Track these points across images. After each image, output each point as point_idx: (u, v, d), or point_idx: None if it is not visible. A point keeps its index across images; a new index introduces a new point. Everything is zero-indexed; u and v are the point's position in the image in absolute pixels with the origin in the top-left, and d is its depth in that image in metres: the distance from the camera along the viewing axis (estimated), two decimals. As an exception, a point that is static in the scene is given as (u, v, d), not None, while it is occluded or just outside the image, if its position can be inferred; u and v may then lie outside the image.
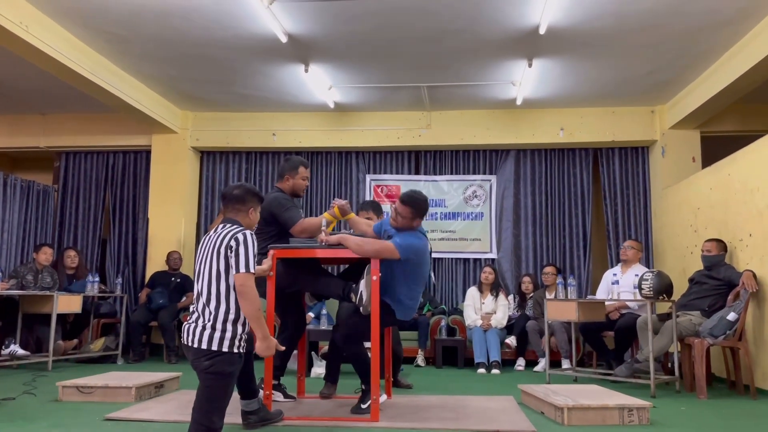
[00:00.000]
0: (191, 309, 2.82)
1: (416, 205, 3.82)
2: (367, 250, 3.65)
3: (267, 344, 2.73)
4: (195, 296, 2.81)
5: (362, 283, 3.69)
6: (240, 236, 2.76)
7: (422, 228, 3.99)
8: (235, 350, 2.69)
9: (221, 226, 2.90)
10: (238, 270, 2.70)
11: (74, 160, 8.50)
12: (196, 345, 2.68)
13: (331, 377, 4.29)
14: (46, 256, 6.65)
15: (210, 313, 2.70)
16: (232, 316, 2.70)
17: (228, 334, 2.67)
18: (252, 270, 2.71)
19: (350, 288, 3.81)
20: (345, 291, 3.83)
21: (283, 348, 3.49)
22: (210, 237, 2.85)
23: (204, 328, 2.68)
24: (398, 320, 3.93)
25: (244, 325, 2.72)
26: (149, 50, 6.06)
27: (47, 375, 5.48)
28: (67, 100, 7.50)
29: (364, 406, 3.74)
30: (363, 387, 3.85)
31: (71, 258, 7.03)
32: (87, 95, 6.58)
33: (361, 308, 3.74)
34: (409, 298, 3.88)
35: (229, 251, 2.74)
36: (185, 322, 2.77)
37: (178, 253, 7.50)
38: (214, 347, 2.66)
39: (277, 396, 3.93)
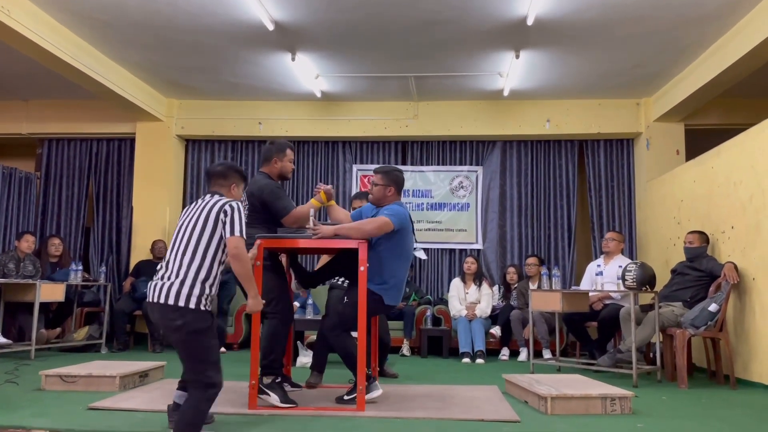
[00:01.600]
0: (159, 267, 2.92)
1: (389, 172, 3.99)
2: (368, 229, 3.67)
3: (256, 301, 2.98)
4: (169, 254, 2.89)
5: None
6: (234, 204, 2.94)
7: (401, 202, 4.04)
8: (202, 308, 2.78)
9: (209, 195, 3.05)
10: (232, 233, 2.86)
11: (57, 147, 8.39)
12: (163, 301, 2.76)
13: (318, 367, 4.28)
14: (28, 244, 6.57)
15: (183, 269, 2.81)
16: (202, 275, 2.81)
17: (196, 291, 2.77)
18: (244, 235, 2.89)
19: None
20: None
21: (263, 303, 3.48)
22: (196, 204, 2.99)
23: (173, 284, 2.77)
24: (387, 307, 3.92)
25: (212, 287, 2.84)
26: (133, 36, 5.99)
27: (30, 364, 5.44)
28: (50, 86, 7.40)
29: (347, 398, 3.75)
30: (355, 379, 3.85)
31: (55, 246, 6.96)
32: (70, 81, 6.50)
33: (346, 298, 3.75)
34: (397, 278, 3.87)
35: (223, 215, 2.88)
36: (152, 281, 2.86)
37: (163, 242, 7.45)
38: (182, 303, 2.74)
39: (274, 399, 3.64)
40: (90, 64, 6.21)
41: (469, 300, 6.80)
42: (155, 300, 2.79)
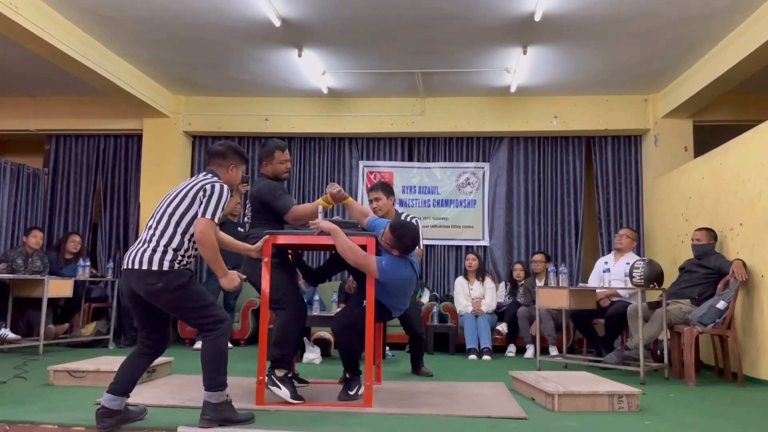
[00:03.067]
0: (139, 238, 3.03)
1: (400, 239, 3.70)
2: (349, 257, 3.59)
3: (229, 278, 3.03)
4: (147, 226, 3.00)
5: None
6: (217, 186, 2.99)
7: (414, 258, 3.90)
8: (176, 266, 2.90)
9: (203, 173, 3.14)
10: (204, 215, 2.92)
11: (65, 143, 8.42)
12: (137, 266, 2.88)
13: None
14: (36, 239, 6.61)
15: (155, 237, 2.92)
16: (174, 244, 2.92)
17: (168, 256, 2.89)
18: (215, 219, 2.94)
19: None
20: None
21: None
22: (185, 181, 3.10)
23: (145, 251, 2.89)
24: (391, 316, 4.04)
25: (184, 255, 2.94)
26: (140, 33, 5.99)
27: (38, 359, 5.47)
28: (58, 82, 7.42)
29: (351, 393, 3.76)
30: (347, 375, 3.87)
31: (75, 243, 7.02)
32: (77, 78, 6.51)
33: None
34: (402, 301, 3.96)
35: (202, 193, 2.95)
36: (128, 250, 2.97)
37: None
38: (155, 267, 2.86)
39: (284, 393, 3.61)
40: (97, 60, 6.22)
41: (473, 296, 6.80)
42: (130, 266, 2.90)
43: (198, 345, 6.64)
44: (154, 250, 2.89)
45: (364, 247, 3.66)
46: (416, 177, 7.99)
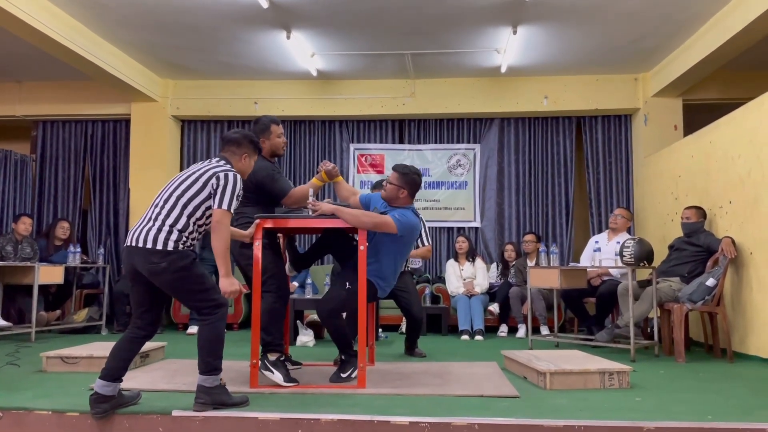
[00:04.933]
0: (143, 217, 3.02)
1: (407, 174, 3.89)
2: (365, 221, 3.61)
3: (230, 281, 2.94)
4: (155, 198, 3.00)
5: None
6: (231, 175, 2.97)
7: (415, 208, 4.00)
8: (181, 247, 2.90)
9: (216, 159, 3.13)
10: (220, 205, 2.92)
11: (52, 129, 8.33)
12: (141, 244, 2.88)
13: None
14: (25, 226, 6.56)
15: (161, 216, 2.92)
16: (179, 226, 2.92)
17: (173, 236, 2.89)
18: (231, 210, 2.94)
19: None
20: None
21: (247, 290, 3.48)
22: (201, 162, 3.08)
23: (150, 229, 2.89)
24: (377, 296, 3.97)
25: (189, 236, 2.94)
26: (127, 16, 5.92)
27: (30, 346, 5.46)
28: (44, 67, 7.32)
29: (344, 375, 3.77)
30: (342, 357, 3.88)
31: (63, 229, 6.97)
32: (64, 63, 6.43)
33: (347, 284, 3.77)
34: (393, 274, 3.93)
35: (215, 181, 2.94)
36: (132, 228, 2.97)
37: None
38: (160, 246, 2.86)
39: (277, 377, 3.61)
40: (84, 44, 6.14)
41: (464, 276, 6.83)
42: (134, 243, 2.89)
43: (191, 330, 6.65)
44: (159, 229, 2.89)
45: (354, 230, 3.65)
46: (407, 159, 7.97)
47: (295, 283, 6.76)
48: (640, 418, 2.87)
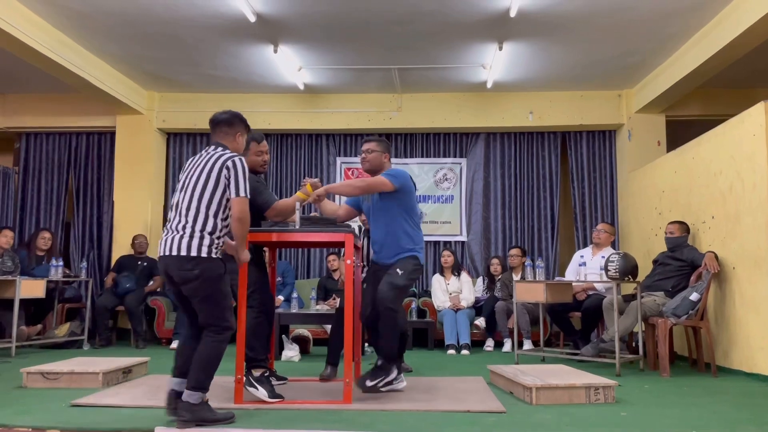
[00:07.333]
0: (168, 220, 3.06)
1: (381, 141, 4.03)
2: (360, 185, 3.71)
3: (247, 253, 3.11)
4: (172, 209, 3.02)
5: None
6: (238, 161, 3.02)
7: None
8: (214, 255, 2.94)
9: (212, 147, 3.13)
10: (237, 194, 2.97)
11: (35, 141, 8.26)
12: (175, 252, 2.91)
13: (333, 359, 4.33)
14: (6, 239, 6.46)
15: (189, 223, 2.94)
16: (209, 228, 2.95)
17: (206, 241, 2.93)
18: (248, 195, 3.01)
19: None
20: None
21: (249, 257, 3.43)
22: (200, 156, 3.09)
23: (182, 237, 2.92)
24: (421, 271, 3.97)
25: (219, 238, 2.99)
26: (112, 28, 5.90)
27: (10, 361, 5.37)
28: (28, 79, 7.27)
29: (374, 383, 3.69)
30: (379, 362, 3.80)
31: (45, 240, 6.88)
32: (48, 74, 6.38)
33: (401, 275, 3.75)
34: (421, 233, 3.96)
35: (226, 171, 2.98)
36: (162, 238, 3.00)
37: (144, 237, 7.37)
38: (194, 253, 2.90)
39: (262, 393, 3.58)
40: (68, 56, 6.11)
41: (450, 290, 6.83)
42: (168, 252, 2.92)
43: (174, 344, 6.58)
44: (191, 236, 2.92)
45: (341, 244, 3.65)
46: (393, 173, 7.97)
47: (281, 297, 6.72)
48: (626, 433, 2.88)
